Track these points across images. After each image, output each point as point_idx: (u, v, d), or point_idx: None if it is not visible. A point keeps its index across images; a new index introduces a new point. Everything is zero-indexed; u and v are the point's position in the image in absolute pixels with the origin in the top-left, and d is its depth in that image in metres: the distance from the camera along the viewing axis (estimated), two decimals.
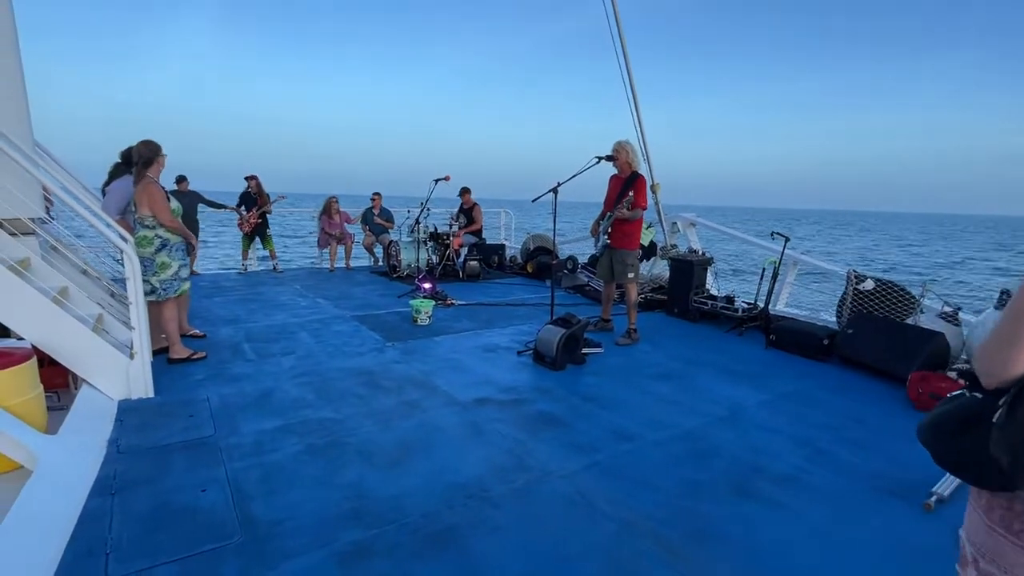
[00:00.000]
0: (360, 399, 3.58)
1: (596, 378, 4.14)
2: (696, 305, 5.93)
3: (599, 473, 2.75)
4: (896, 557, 2.17)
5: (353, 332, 5.18)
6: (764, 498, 2.57)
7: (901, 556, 2.18)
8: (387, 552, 2.11)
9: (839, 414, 3.58)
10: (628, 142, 5.02)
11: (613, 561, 2.11)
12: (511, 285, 7.99)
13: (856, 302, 4.83)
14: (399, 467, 2.75)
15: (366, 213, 9.46)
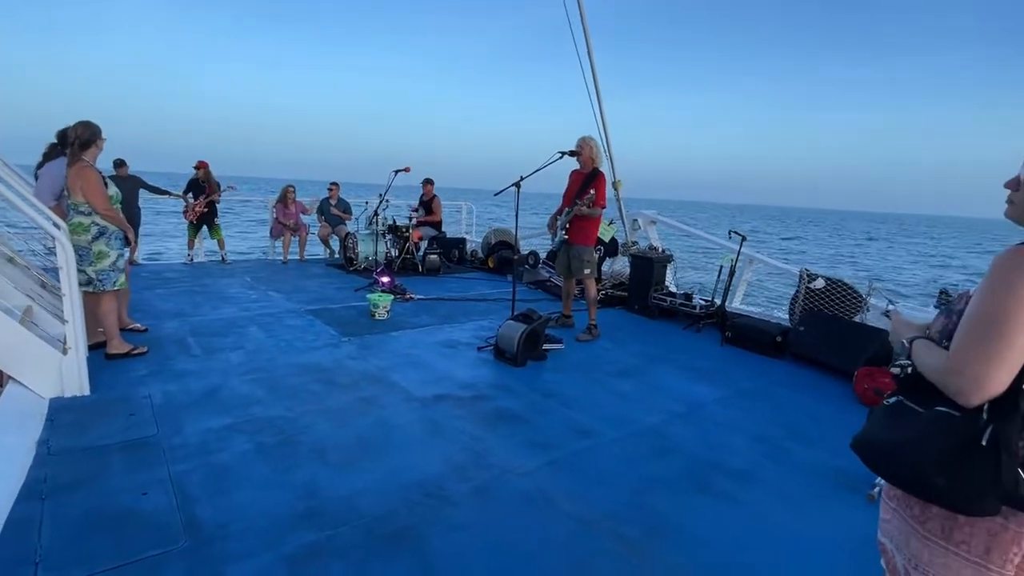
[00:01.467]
0: (314, 396, 3.49)
1: (556, 374, 4.17)
2: (655, 302, 6.05)
3: (558, 470, 2.78)
4: (844, 546, 2.28)
5: (307, 327, 5.05)
6: (721, 493, 2.65)
7: (848, 545, 2.28)
8: (341, 553, 2.07)
9: (792, 410, 3.72)
10: (592, 138, 5.07)
11: (571, 558, 2.13)
12: (472, 280, 7.96)
13: (808, 300, 5.02)
14: (355, 466, 2.70)
15: (323, 203, 9.24)
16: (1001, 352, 0.99)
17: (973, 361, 1.01)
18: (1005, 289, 1.01)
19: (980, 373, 1.00)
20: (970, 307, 1.07)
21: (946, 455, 1.03)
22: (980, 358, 1.00)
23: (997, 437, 0.99)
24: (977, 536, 1.05)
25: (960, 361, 1.03)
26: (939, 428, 1.05)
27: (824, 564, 2.18)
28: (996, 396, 1.00)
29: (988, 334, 1.00)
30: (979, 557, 1.05)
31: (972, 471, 1.00)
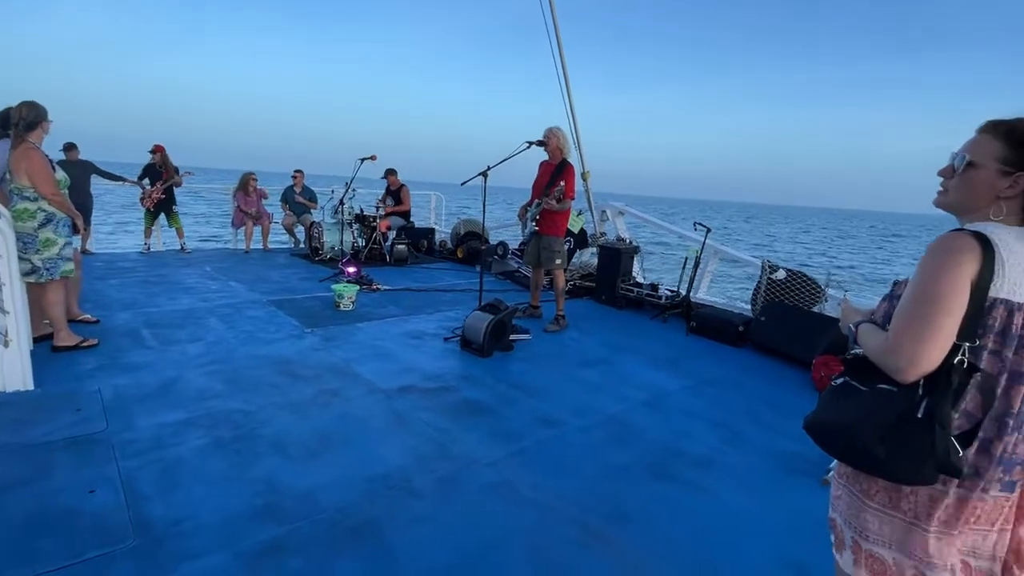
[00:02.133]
0: (275, 388, 3.41)
1: (523, 365, 4.17)
2: (623, 292, 6.10)
3: (524, 460, 2.78)
4: (799, 528, 2.34)
5: (269, 318, 4.93)
6: (682, 480, 2.69)
7: (803, 527, 2.35)
8: (300, 549, 2.03)
9: (753, 397, 3.81)
10: (560, 129, 5.05)
11: (535, 546, 2.13)
12: (440, 270, 7.89)
13: (769, 291, 5.14)
14: (316, 459, 2.64)
15: (287, 191, 9.02)
16: (932, 331, 1.04)
17: (907, 340, 1.06)
18: (934, 272, 1.06)
19: (914, 351, 1.05)
20: (906, 290, 1.12)
21: (885, 429, 1.08)
22: (913, 337, 1.06)
23: (931, 410, 1.05)
24: (921, 503, 1.11)
25: (896, 341, 1.08)
26: (879, 404, 1.11)
27: (779, 544, 2.23)
28: (929, 372, 1.06)
29: (920, 315, 1.06)
30: (923, 521, 1.11)
31: (909, 443, 1.06)
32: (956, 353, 1.05)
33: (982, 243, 1.06)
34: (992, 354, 1.07)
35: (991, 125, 1.15)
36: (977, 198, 1.14)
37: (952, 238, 1.08)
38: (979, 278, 1.05)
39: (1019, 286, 1.05)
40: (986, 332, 1.07)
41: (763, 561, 2.14)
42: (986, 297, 1.06)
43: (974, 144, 1.16)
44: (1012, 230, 1.09)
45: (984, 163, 1.13)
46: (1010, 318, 1.06)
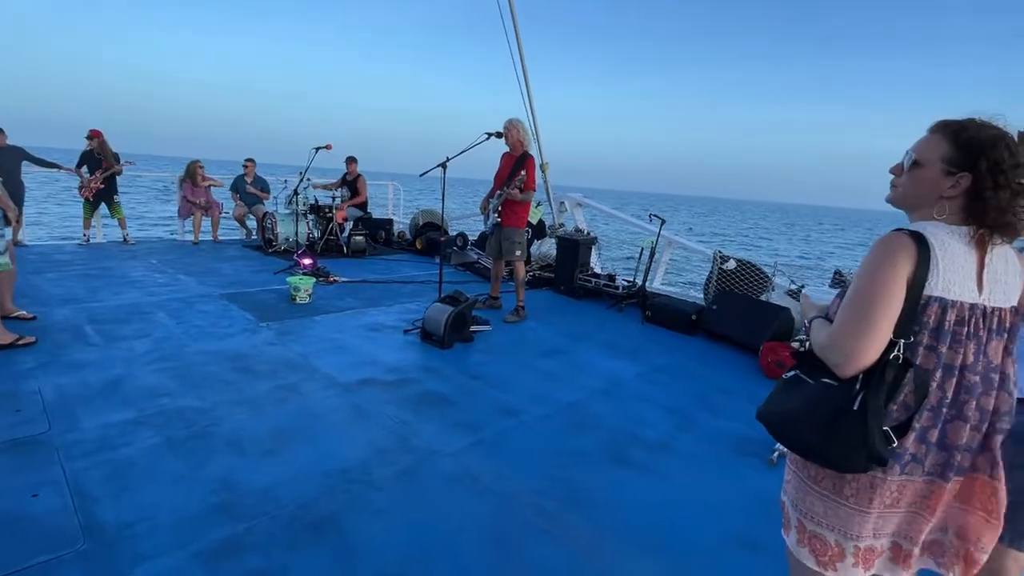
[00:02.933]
0: (229, 385, 3.33)
1: (483, 356, 4.21)
2: (581, 283, 6.21)
3: (484, 450, 2.82)
4: (746, 506, 2.48)
5: (221, 312, 4.79)
6: (637, 464, 2.80)
7: (750, 505, 2.48)
8: (259, 546, 2.02)
9: (704, 383, 3.97)
10: (519, 120, 5.08)
11: (495, 533, 2.19)
12: (399, 262, 7.82)
13: (720, 280, 5.34)
14: (274, 456, 2.62)
15: (237, 181, 8.72)
16: (869, 329, 1.10)
17: (846, 338, 1.12)
18: (873, 272, 1.12)
19: (852, 347, 1.11)
20: (849, 288, 1.18)
21: (825, 420, 1.14)
22: (852, 335, 1.11)
23: (865, 403, 1.11)
24: (862, 489, 1.19)
25: (836, 338, 1.14)
26: (822, 397, 1.17)
27: (728, 522, 2.36)
28: (867, 367, 1.12)
29: (858, 313, 1.11)
30: (863, 506, 1.19)
31: (845, 433, 1.12)
32: (892, 349, 1.10)
33: (918, 243, 1.10)
34: (927, 349, 1.13)
35: (941, 125, 1.18)
36: (922, 196, 1.18)
37: (890, 239, 1.12)
38: (914, 277, 1.09)
39: (953, 284, 1.10)
40: (921, 329, 1.12)
41: (713, 539, 2.26)
42: (921, 295, 1.10)
43: (923, 143, 1.19)
44: (952, 229, 1.13)
45: (930, 162, 1.16)
46: (944, 315, 1.11)
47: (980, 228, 1.13)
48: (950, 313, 1.11)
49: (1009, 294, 1.16)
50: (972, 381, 1.13)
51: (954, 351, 1.12)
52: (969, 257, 1.13)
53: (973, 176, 1.11)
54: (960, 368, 1.13)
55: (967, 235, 1.13)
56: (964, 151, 1.12)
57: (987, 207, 1.11)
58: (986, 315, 1.13)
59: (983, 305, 1.13)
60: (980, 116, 1.15)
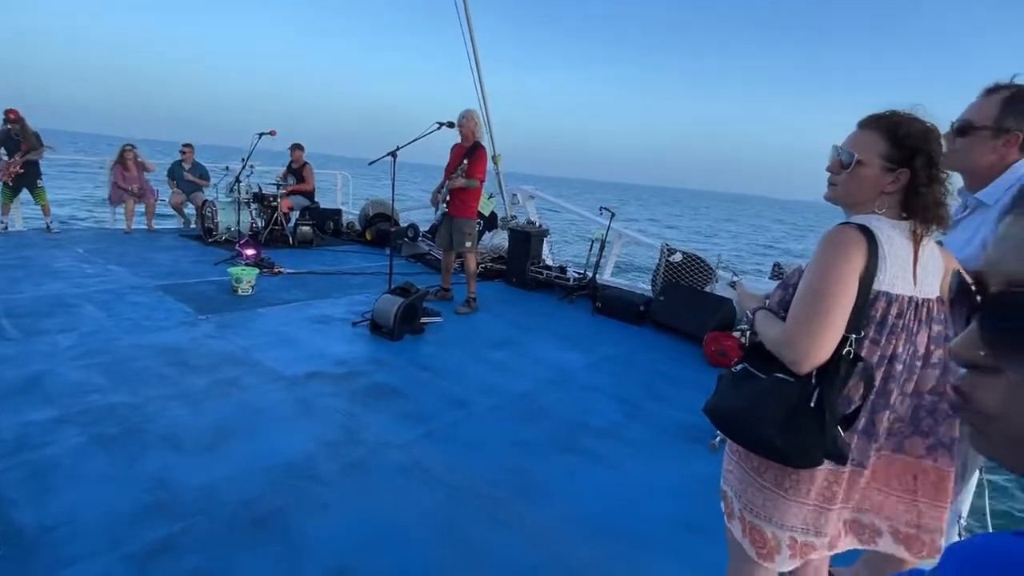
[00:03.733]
0: (165, 380, 3.17)
1: (434, 347, 4.17)
2: (533, 275, 6.25)
3: (434, 441, 2.80)
4: (688, 489, 2.57)
5: (156, 304, 4.55)
6: (587, 453, 2.84)
7: (693, 488, 2.58)
8: (198, 546, 1.93)
9: (652, 372, 4.07)
10: (474, 111, 5.05)
11: (445, 524, 2.18)
12: (348, 253, 7.64)
13: (667, 272, 5.48)
14: (214, 452, 2.51)
15: (174, 167, 8.28)
16: (824, 325, 1.10)
17: (803, 336, 1.11)
18: (826, 268, 1.12)
19: (809, 346, 1.10)
20: (801, 283, 1.18)
21: (782, 417, 1.14)
22: (808, 333, 1.11)
23: (822, 399, 1.12)
24: (803, 481, 1.20)
25: (792, 336, 1.13)
26: (776, 392, 1.16)
27: (673, 506, 2.44)
28: (822, 363, 1.12)
29: (814, 309, 1.11)
30: (803, 498, 1.21)
31: (803, 430, 1.12)
32: (845, 344, 1.11)
33: (868, 238, 1.11)
34: (872, 343, 1.16)
35: (873, 121, 1.18)
36: (864, 193, 1.18)
37: (841, 232, 1.13)
38: (865, 273, 1.11)
39: (897, 279, 1.14)
40: (869, 323, 1.15)
41: (658, 522, 2.33)
42: (871, 291, 1.12)
43: (860, 141, 1.18)
44: (893, 224, 1.16)
45: (870, 161, 1.16)
46: (888, 309, 1.14)
47: (916, 222, 1.16)
48: (893, 307, 1.15)
49: (934, 285, 1.20)
50: (898, 370, 1.17)
51: (889, 343, 1.15)
52: (907, 251, 1.16)
53: (912, 173, 1.14)
54: (890, 358, 1.16)
55: (907, 229, 1.16)
56: (902, 147, 1.14)
57: (924, 201, 1.13)
58: (918, 307, 1.17)
59: (917, 297, 1.17)
60: (904, 109, 1.18)
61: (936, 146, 1.14)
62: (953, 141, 1.56)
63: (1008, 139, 1.52)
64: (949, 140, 1.55)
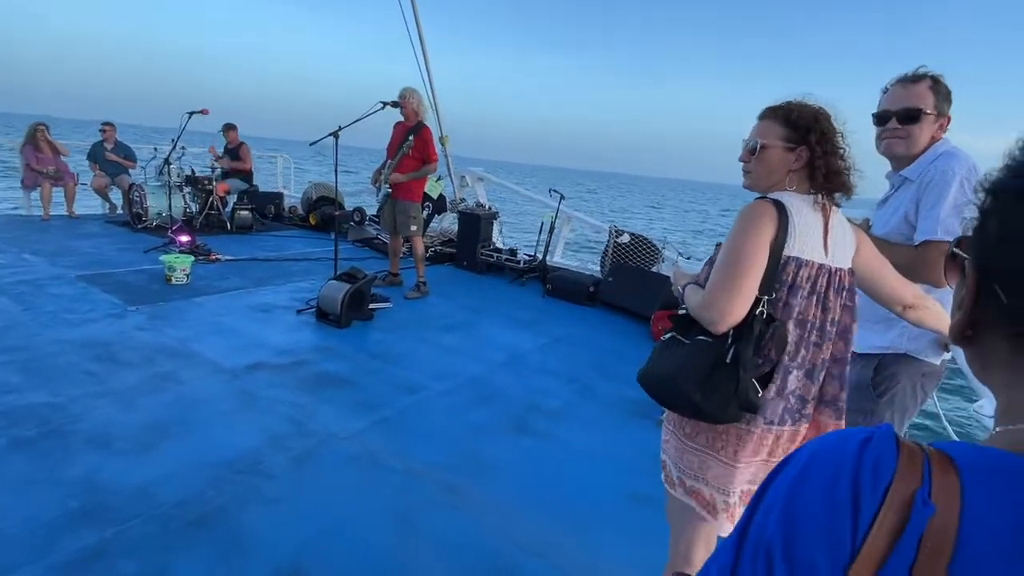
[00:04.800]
0: (91, 376, 2.97)
1: (384, 333, 4.08)
2: (483, 257, 6.20)
3: (385, 429, 2.75)
4: (638, 463, 2.63)
5: (79, 295, 4.24)
6: (539, 432, 2.86)
7: (642, 461, 2.63)
8: (132, 550, 1.82)
9: (601, 352, 4.13)
10: (416, 89, 4.90)
11: (398, 512, 2.14)
12: (290, 238, 7.35)
13: (615, 254, 5.56)
14: (149, 452, 2.37)
15: (95, 148, 7.69)
16: (738, 287, 1.19)
17: (719, 297, 1.21)
18: (741, 236, 1.22)
19: (724, 306, 1.20)
20: (720, 253, 1.28)
21: (701, 374, 1.22)
22: (723, 294, 1.20)
23: (738, 355, 1.20)
24: (731, 442, 1.28)
25: (710, 298, 1.23)
26: (697, 352, 1.25)
27: (621, 479, 2.49)
28: (737, 323, 1.21)
29: (729, 274, 1.21)
30: (731, 459, 1.28)
31: (720, 385, 1.20)
32: (758, 305, 1.21)
33: (779, 209, 1.22)
34: (784, 305, 1.24)
35: (770, 111, 1.31)
36: (773, 173, 1.30)
37: (755, 206, 1.24)
38: (776, 240, 1.21)
39: (806, 246, 1.23)
40: (781, 286, 1.24)
41: (607, 495, 2.38)
42: (781, 256, 1.22)
43: (761, 129, 1.31)
44: (802, 197, 1.27)
45: (772, 143, 1.29)
46: (798, 272, 1.23)
47: (822, 193, 1.27)
48: (803, 271, 1.24)
49: (846, 256, 1.31)
50: (813, 333, 1.26)
51: (801, 305, 1.25)
52: (817, 222, 1.26)
53: (808, 148, 1.25)
54: (803, 321, 1.25)
55: (814, 202, 1.27)
56: (796, 128, 1.26)
57: (824, 172, 1.25)
58: (831, 275, 1.27)
59: (829, 266, 1.26)
60: (796, 98, 1.30)
61: (826, 124, 1.26)
62: (899, 128, 1.66)
63: (942, 122, 1.65)
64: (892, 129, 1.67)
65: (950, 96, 1.65)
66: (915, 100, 1.63)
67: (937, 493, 0.37)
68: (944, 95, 1.63)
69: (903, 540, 0.36)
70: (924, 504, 0.37)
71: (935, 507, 0.36)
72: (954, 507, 0.36)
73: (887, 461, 0.39)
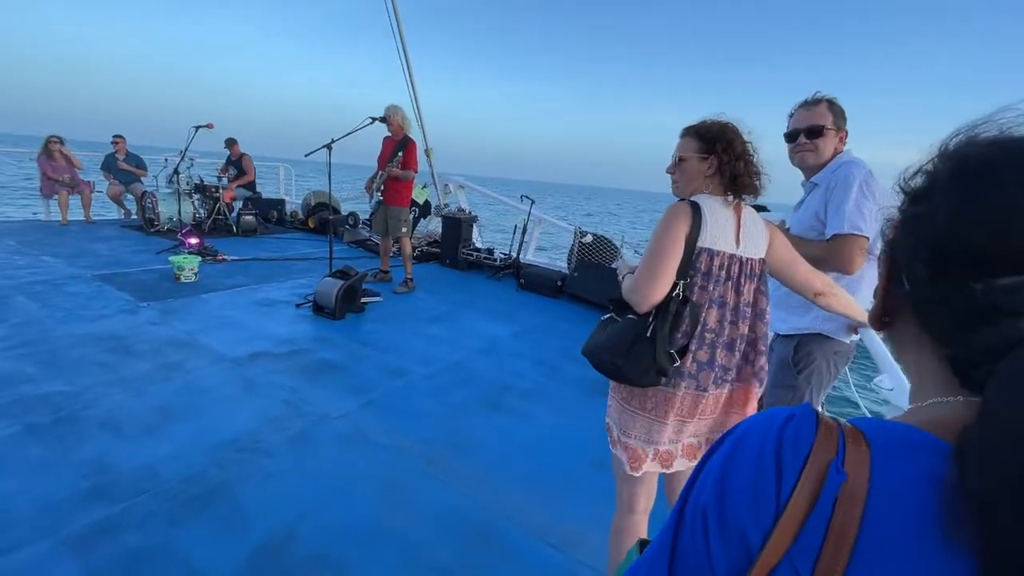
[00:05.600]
0: (103, 367, 2.85)
1: (374, 325, 4.02)
2: (464, 256, 6.16)
3: (375, 409, 2.70)
4: (597, 433, 2.60)
5: (94, 293, 4.08)
6: (512, 410, 2.84)
7: (601, 432, 2.59)
8: (138, 524, 1.76)
9: (567, 338, 4.13)
10: (400, 106, 4.82)
11: (385, 482, 2.11)
12: (291, 240, 7.19)
13: (580, 252, 5.56)
14: (156, 434, 2.29)
15: (108, 159, 7.42)
16: (657, 274, 1.24)
17: (641, 283, 1.26)
18: (660, 231, 1.27)
19: (645, 290, 1.25)
20: (646, 247, 1.32)
21: (626, 345, 1.27)
22: (645, 280, 1.25)
23: (655, 331, 1.25)
24: (658, 403, 1.32)
25: (635, 284, 1.28)
26: (625, 328, 1.30)
27: (585, 449, 2.49)
28: (657, 304, 1.26)
29: (651, 262, 1.25)
30: (660, 417, 1.33)
31: (640, 355, 1.25)
32: (675, 288, 1.25)
33: (694, 208, 1.27)
34: (700, 289, 1.29)
35: (687, 129, 1.37)
36: (693, 180, 1.36)
37: (673, 207, 1.30)
38: (690, 234, 1.26)
39: (717, 239, 1.28)
40: (696, 273, 1.28)
41: (573, 463, 2.37)
42: (695, 247, 1.26)
43: (681, 145, 1.38)
44: (716, 199, 1.31)
45: (688, 156, 1.35)
46: (711, 261, 1.28)
47: (732, 194, 1.32)
48: (716, 260, 1.28)
49: (758, 248, 1.35)
50: (729, 313, 1.31)
51: (716, 289, 1.29)
52: (729, 219, 1.31)
53: (716, 156, 1.31)
54: (721, 303, 1.30)
55: (727, 202, 1.32)
56: (706, 141, 1.33)
57: (731, 175, 1.30)
58: (742, 263, 1.31)
59: (740, 256, 1.31)
60: (710, 116, 1.36)
61: (731, 135, 1.32)
62: (808, 142, 1.74)
63: (842, 135, 1.74)
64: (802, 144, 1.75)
65: (844, 114, 1.74)
66: (817, 119, 1.72)
67: (849, 462, 0.38)
68: (839, 113, 1.73)
69: (820, 502, 0.37)
70: (837, 472, 0.37)
71: (847, 474, 0.37)
72: (864, 474, 0.37)
73: (806, 435, 0.40)
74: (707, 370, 1.30)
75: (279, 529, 1.80)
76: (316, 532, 1.81)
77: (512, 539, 1.87)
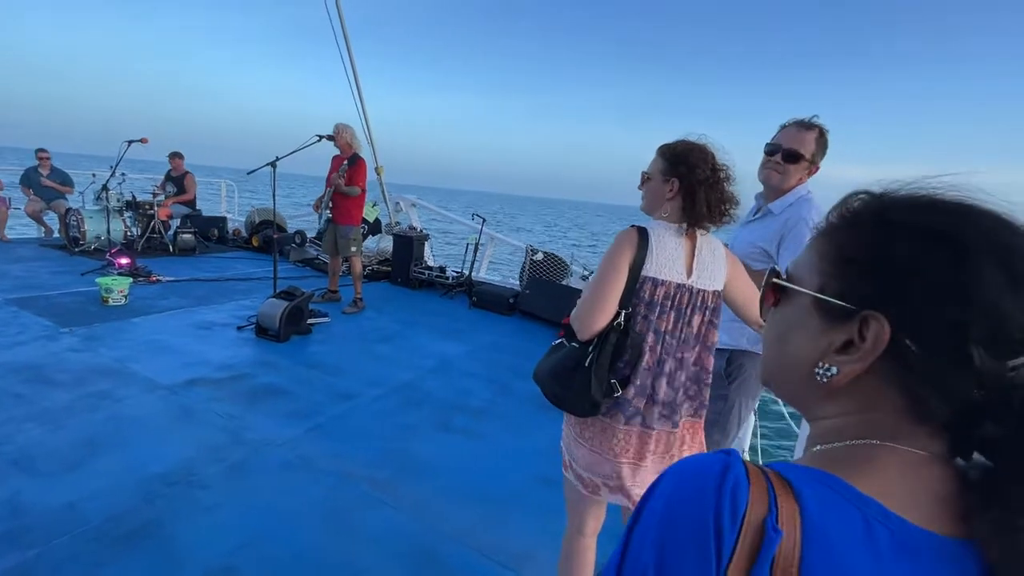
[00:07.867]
0: (17, 399, 2.65)
1: (322, 346, 3.93)
2: (416, 275, 6.12)
3: (320, 435, 2.64)
4: (547, 450, 2.67)
5: (8, 320, 3.78)
6: (462, 430, 2.85)
7: (549, 449, 2.67)
8: (57, 568, 1.64)
9: (518, 355, 4.18)
10: (348, 125, 4.79)
11: (331, 510, 2.07)
12: (233, 259, 6.92)
13: (532, 269, 5.66)
14: (78, 470, 2.15)
15: (29, 173, 6.91)
16: (599, 303, 1.23)
17: (584, 310, 1.26)
18: (606, 259, 1.26)
19: (586, 318, 1.25)
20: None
21: (566, 373, 1.27)
22: (588, 308, 1.25)
23: (592, 361, 1.24)
24: (596, 435, 1.31)
25: (579, 310, 1.28)
26: (568, 356, 1.29)
27: (534, 467, 2.53)
28: (598, 332, 1.25)
29: (594, 291, 1.25)
30: (598, 448, 1.31)
31: (578, 384, 1.24)
32: (618, 318, 1.23)
33: (641, 235, 1.24)
34: (643, 318, 1.26)
35: (659, 148, 1.33)
36: (656, 200, 1.31)
37: (623, 233, 1.26)
38: (634, 262, 1.22)
39: (664, 268, 1.23)
40: (639, 302, 1.25)
41: (522, 481, 2.41)
42: (639, 276, 1.23)
43: (651, 163, 1.34)
44: (668, 226, 1.27)
45: (655, 175, 1.31)
46: (655, 291, 1.24)
47: (688, 223, 1.26)
48: (660, 290, 1.24)
49: (714, 279, 1.30)
50: (670, 344, 1.27)
51: (660, 320, 1.25)
52: (680, 248, 1.26)
53: (679, 179, 1.26)
54: (663, 334, 1.26)
55: (681, 231, 1.27)
56: (670, 162, 1.28)
57: (691, 202, 1.25)
58: (692, 294, 1.26)
59: (690, 286, 1.26)
60: (687, 136, 1.31)
61: (696, 158, 1.25)
62: (780, 164, 1.72)
63: (812, 169, 1.74)
64: (775, 162, 1.72)
65: (826, 149, 1.72)
66: (801, 145, 1.69)
67: (782, 518, 0.37)
68: (823, 148, 1.71)
69: (758, 564, 0.37)
70: (775, 531, 0.37)
71: (783, 532, 0.37)
72: (796, 529, 0.37)
73: (742, 492, 0.39)
74: (650, 404, 1.27)
75: (216, 566, 1.73)
76: (257, 564, 1.75)
77: (461, 560, 1.87)
